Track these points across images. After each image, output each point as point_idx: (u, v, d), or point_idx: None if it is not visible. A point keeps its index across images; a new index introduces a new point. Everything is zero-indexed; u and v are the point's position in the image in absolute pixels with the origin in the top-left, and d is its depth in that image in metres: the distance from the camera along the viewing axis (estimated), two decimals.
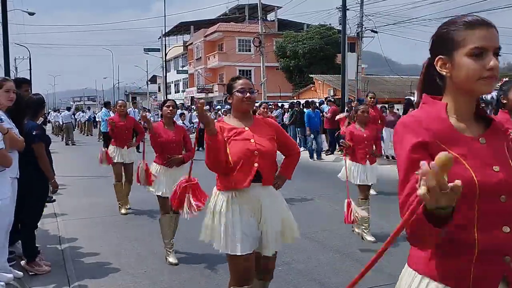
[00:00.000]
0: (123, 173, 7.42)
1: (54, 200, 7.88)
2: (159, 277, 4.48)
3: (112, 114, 18.81)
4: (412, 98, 12.21)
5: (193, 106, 24.84)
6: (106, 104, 18.19)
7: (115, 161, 7.30)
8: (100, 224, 6.64)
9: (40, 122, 4.81)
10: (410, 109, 8.53)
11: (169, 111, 5.11)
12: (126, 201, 7.36)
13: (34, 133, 4.42)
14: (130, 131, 7.51)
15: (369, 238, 5.54)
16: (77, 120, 30.62)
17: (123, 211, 7.20)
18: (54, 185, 4.70)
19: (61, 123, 24.71)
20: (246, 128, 2.97)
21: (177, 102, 7.10)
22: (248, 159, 2.86)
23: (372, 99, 9.07)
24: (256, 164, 2.87)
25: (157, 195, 5.01)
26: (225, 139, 2.90)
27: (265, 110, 8.12)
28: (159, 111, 29.37)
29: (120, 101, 7.78)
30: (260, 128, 3.01)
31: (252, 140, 2.91)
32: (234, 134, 2.92)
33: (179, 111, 15.63)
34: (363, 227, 5.61)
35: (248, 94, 2.96)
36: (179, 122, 13.60)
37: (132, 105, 23.70)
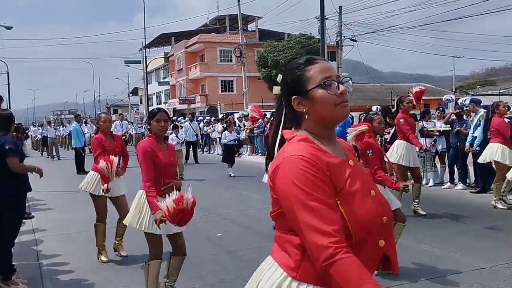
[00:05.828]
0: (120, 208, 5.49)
1: (33, 216, 7.76)
2: None
3: (86, 128, 18.42)
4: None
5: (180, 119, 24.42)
6: (76, 117, 17.31)
7: (98, 193, 5.39)
8: (79, 239, 6.53)
9: (16, 137, 4.75)
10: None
11: (160, 127, 3.83)
12: (120, 245, 5.63)
13: (7, 147, 4.36)
14: (120, 153, 5.59)
15: None
16: (58, 134, 30.31)
17: (103, 258, 5.43)
18: (40, 171, 4.81)
19: (40, 137, 24.37)
20: (351, 162, 1.56)
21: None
22: (372, 233, 1.47)
23: None
24: (382, 242, 1.50)
25: (147, 233, 3.83)
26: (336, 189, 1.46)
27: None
28: (145, 125, 28.52)
29: (103, 115, 5.68)
30: (357, 162, 1.61)
31: (373, 192, 1.53)
32: (350, 178, 1.48)
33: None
34: None
35: (341, 88, 1.53)
36: (171, 138, 12.68)
37: (119, 117, 22.95)
